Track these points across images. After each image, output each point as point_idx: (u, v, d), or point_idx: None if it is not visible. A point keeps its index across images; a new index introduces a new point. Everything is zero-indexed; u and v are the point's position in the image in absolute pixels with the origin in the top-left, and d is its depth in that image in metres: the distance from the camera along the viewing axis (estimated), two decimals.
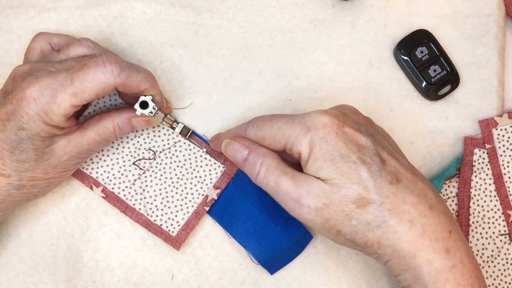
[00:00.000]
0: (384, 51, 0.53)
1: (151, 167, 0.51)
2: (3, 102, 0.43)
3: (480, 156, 0.52)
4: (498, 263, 0.51)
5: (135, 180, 0.51)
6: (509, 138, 0.52)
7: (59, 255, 0.51)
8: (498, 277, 0.51)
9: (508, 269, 0.51)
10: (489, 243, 0.51)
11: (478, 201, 0.52)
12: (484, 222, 0.51)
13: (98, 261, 0.51)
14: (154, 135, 0.51)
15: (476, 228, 0.51)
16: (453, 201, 0.52)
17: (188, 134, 0.51)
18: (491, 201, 0.52)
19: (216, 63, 0.53)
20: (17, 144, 0.43)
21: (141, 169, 0.51)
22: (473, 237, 0.51)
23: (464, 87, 0.53)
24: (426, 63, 0.52)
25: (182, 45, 0.53)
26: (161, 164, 0.51)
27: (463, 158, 0.52)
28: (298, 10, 0.53)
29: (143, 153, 0.51)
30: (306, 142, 0.41)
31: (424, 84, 0.52)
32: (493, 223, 0.51)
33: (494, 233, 0.51)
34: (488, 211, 0.52)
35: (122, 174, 0.51)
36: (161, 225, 0.50)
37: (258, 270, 0.51)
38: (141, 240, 0.51)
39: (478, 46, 0.53)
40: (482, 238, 0.51)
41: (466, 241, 0.42)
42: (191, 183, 0.51)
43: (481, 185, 0.52)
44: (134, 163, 0.51)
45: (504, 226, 0.51)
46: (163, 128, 0.51)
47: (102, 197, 0.50)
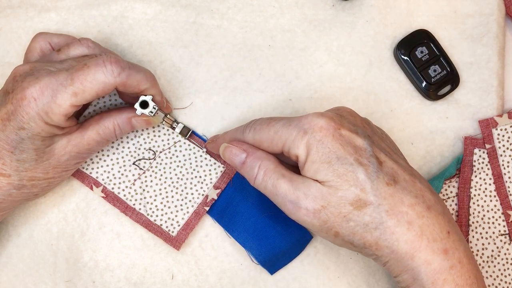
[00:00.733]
0: (384, 51, 0.53)
1: (151, 167, 0.51)
2: (4, 102, 0.43)
3: (480, 156, 0.52)
4: (498, 263, 0.51)
5: (135, 180, 0.51)
6: (509, 138, 0.52)
7: (59, 255, 0.51)
8: (498, 277, 0.51)
9: (508, 269, 0.51)
10: (489, 243, 0.51)
11: (478, 201, 0.52)
12: (484, 222, 0.51)
13: (98, 261, 0.51)
14: (154, 135, 0.51)
15: (476, 228, 0.51)
16: (453, 201, 0.52)
17: (188, 134, 0.51)
18: (491, 201, 0.52)
19: (216, 63, 0.53)
20: (17, 144, 0.43)
21: (141, 169, 0.51)
22: (473, 237, 0.51)
23: (464, 87, 0.53)
24: (426, 63, 0.52)
25: (182, 45, 0.53)
26: (161, 164, 0.51)
27: (463, 158, 0.52)
28: (298, 10, 0.53)
29: (143, 153, 0.51)
30: (303, 145, 0.41)
31: (424, 84, 0.52)
32: (493, 223, 0.51)
33: (494, 233, 0.51)
34: (488, 211, 0.52)
35: (122, 174, 0.51)
36: (161, 225, 0.50)
37: (258, 270, 0.51)
38: (141, 240, 0.51)
39: (478, 46, 0.53)
40: (482, 238, 0.51)
41: (465, 241, 0.42)
42: (191, 183, 0.51)
43: (481, 185, 0.52)
44: (134, 163, 0.51)
45: (504, 226, 0.51)
46: (163, 128, 0.51)
47: (102, 197, 0.50)
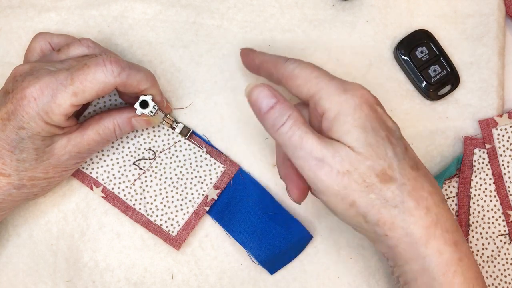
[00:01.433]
0: (384, 51, 0.53)
1: (151, 167, 0.51)
2: (4, 101, 0.43)
3: (480, 156, 0.52)
4: (498, 263, 0.51)
5: (135, 180, 0.51)
6: (509, 138, 0.52)
7: (59, 255, 0.51)
8: (498, 277, 0.51)
9: (508, 269, 0.51)
10: (489, 243, 0.51)
11: (478, 201, 0.52)
12: (484, 222, 0.51)
13: (98, 261, 0.51)
14: (154, 135, 0.51)
15: (476, 228, 0.51)
16: (453, 201, 0.52)
17: (188, 134, 0.51)
18: (491, 201, 0.52)
19: (216, 63, 0.53)
20: (17, 143, 0.43)
21: (141, 169, 0.51)
22: (473, 237, 0.51)
23: (464, 87, 0.53)
24: (426, 63, 0.52)
25: (182, 45, 0.53)
26: (161, 164, 0.51)
27: (463, 158, 0.52)
28: (298, 10, 0.53)
29: (143, 153, 0.51)
30: (338, 102, 0.40)
31: (424, 84, 0.52)
32: (493, 223, 0.51)
33: (494, 233, 0.51)
34: (488, 211, 0.52)
35: (122, 174, 0.51)
36: (161, 225, 0.50)
37: (258, 270, 0.51)
38: (141, 240, 0.51)
39: (478, 46, 0.53)
40: (482, 238, 0.51)
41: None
42: (191, 183, 0.51)
43: (481, 185, 0.52)
44: (134, 163, 0.51)
45: (504, 226, 0.51)
46: (163, 128, 0.51)
47: (102, 197, 0.50)
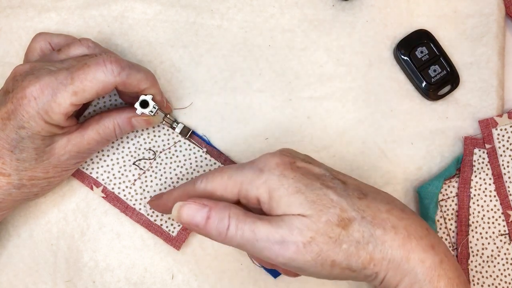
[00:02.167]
0: (384, 51, 0.53)
1: (151, 167, 0.51)
2: (4, 101, 0.43)
3: (480, 156, 0.52)
4: (498, 263, 0.51)
5: (135, 180, 0.51)
6: (509, 138, 0.52)
7: (59, 255, 0.51)
8: (498, 277, 0.51)
9: (508, 269, 0.51)
10: (489, 243, 0.51)
11: (478, 201, 0.52)
12: (484, 222, 0.51)
13: (98, 261, 0.51)
14: (154, 135, 0.51)
15: (476, 228, 0.51)
16: (453, 201, 0.52)
17: (188, 134, 0.51)
18: (491, 201, 0.52)
19: (216, 63, 0.53)
20: (17, 143, 0.43)
21: (141, 169, 0.51)
22: (473, 237, 0.51)
23: (464, 87, 0.53)
24: (426, 63, 0.52)
25: (182, 45, 0.53)
26: (161, 164, 0.51)
27: (463, 158, 0.52)
28: (298, 10, 0.53)
29: (143, 153, 0.51)
30: (263, 184, 0.40)
31: (424, 84, 0.52)
32: (493, 223, 0.51)
33: (494, 233, 0.51)
34: (488, 211, 0.52)
35: (122, 174, 0.51)
36: (161, 225, 0.50)
37: (258, 270, 0.51)
38: (141, 240, 0.51)
39: (478, 46, 0.53)
40: (482, 238, 0.51)
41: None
42: None
43: (481, 185, 0.52)
44: (134, 163, 0.51)
45: (504, 226, 0.51)
46: (163, 128, 0.51)
47: (102, 197, 0.50)
